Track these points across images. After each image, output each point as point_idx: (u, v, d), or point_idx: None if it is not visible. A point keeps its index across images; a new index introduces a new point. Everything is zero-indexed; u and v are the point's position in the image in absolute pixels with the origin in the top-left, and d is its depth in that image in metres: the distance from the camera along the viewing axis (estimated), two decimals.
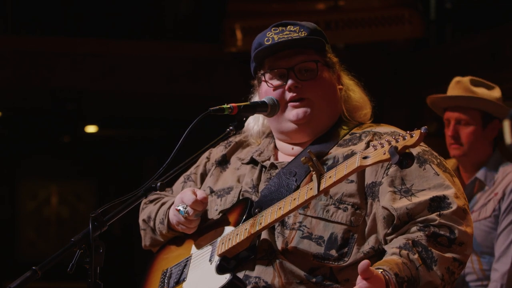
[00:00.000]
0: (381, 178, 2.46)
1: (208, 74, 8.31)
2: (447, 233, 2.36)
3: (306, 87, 2.60)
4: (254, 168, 2.71)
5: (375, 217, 2.45)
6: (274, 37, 2.63)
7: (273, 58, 2.64)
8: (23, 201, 12.19)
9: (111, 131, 11.70)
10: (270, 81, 2.64)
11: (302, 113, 2.60)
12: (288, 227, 2.50)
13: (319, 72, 2.62)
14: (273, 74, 2.64)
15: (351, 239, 2.45)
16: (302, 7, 7.68)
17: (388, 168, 2.46)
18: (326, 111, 2.64)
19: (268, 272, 2.46)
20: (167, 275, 2.71)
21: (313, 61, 2.62)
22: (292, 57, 2.62)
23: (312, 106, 2.60)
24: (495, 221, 3.93)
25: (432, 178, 2.44)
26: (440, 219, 2.37)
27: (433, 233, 2.36)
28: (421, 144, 2.48)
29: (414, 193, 2.43)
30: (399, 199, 2.42)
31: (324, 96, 2.62)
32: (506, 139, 2.02)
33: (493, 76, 7.35)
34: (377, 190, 2.46)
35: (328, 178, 2.30)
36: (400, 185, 2.44)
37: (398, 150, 2.16)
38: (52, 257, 2.23)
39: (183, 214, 2.62)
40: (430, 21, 8.39)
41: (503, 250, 3.88)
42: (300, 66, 2.61)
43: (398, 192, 2.43)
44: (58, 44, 8.19)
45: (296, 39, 2.61)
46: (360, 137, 2.59)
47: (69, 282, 8.13)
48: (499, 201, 3.93)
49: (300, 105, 2.60)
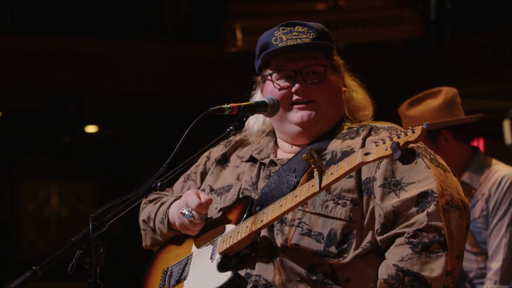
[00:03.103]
0: (374, 173, 2.47)
1: (208, 74, 8.32)
2: (436, 236, 2.36)
3: (313, 90, 2.60)
4: (253, 166, 2.71)
5: (372, 214, 2.45)
6: (282, 37, 2.63)
7: (281, 58, 2.64)
8: (23, 201, 12.19)
9: (111, 131, 11.70)
10: (277, 81, 2.64)
11: (307, 116, 2.60)
12: (287, 224, 2.50)
13: (327, 76, 2.62)
14: (280, 75, 2.64)
15: (350, 235, 2.45)
16: (302, 7, 7.68)
17: (380, 161, 2.46)
18: (330, 114, 2.64)
19: (269, 269, 2.46)
20: (168, 274, 2.71)
21: (321, 65, 2.62)
22: (300, 60, 2.61)
23: (317, 109, 2.60)
24: (485, 221, 3.97)
25: (422, 171, 2.44)
26: (429, 220, 2.37)
27: (422, 246, 2.35)
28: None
29: (403, 186, 2.42)
30: (387, 194, 2.42)
31: (330, 99, 2.62)
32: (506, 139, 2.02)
33: (493, 76, 7.38)
34: (372, 186, 2.46)
35: (329, 175, 2.30)
36: (390, 177, 2.44)
37: (400, 146, 2.15)
38: (52, 257, 2.23)
39: (189, 218, 2.61)
40: (430, 21, 8.40)
41: (495, 248, 3.92)
42: (308, 69, 2.61)
43: (388, 185, 2.43)
44: (58, 44, 8.20)
45: (307, 44, 2.60)
46: (358, 131, 2.60)
47: (69, 282, 8.13)
48: (486, 201, 3.96)
49: (306, 107, 2.60)
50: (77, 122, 9.98)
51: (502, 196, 3.95)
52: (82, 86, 8.33)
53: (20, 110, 10.19)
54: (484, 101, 8.33)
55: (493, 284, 3.90)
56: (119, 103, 9.53)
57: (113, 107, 9.87)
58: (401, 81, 7.96)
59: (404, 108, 4.11)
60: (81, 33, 8.60)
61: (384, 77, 7.79)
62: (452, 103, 4.05)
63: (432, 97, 4.06)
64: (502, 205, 3.95)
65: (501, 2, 7.45)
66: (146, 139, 11.83)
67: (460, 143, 4.05)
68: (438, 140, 3.98)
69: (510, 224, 3.93)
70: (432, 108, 4.03)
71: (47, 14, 8.70)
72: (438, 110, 4.02)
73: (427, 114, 3.99)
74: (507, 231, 3.92)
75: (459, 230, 2.43)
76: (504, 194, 3.95)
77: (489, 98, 8.29)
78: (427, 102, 4.05)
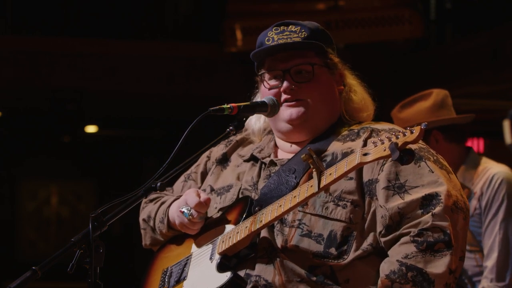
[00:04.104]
0: (377, 175, 2.47)
1: (208, 74, 8.32)
2: (441, 236, 2.36)
3: (302, 89, 2.61)
4: (254, 165, 2.71)
5: (374, 215, 2.45)
6: (274, 37, 2.64)
7: (272, 58, 2.65)
8: (23, 201, 12.19)
9: (111, 131, 11.70)
10: (268, 81, 2.66)
11: (296, 113, 2.61)
12: (287, 225, 2.50)
13: (315, 75, 2.62)
14: (270, 74, 2.66)
15: (350, 237, 2.45)
16: (302, 7, 7.69)
17: (383, 164, 2.46)
18: (323, 112, 2.64)
19: (268, 270, 2.46)
20: (168, 274, 2.71)
21: (309, 64, 2.62)
22: (289, 59, 2.63)
23: (307, 106, 2.61)
24: (479, 220, 3.99)
25: (426, 175, 2.44)
26: (434, 220, 2.37)
27: (427, 244, 2.35)
28: (419, 142, 2.48)
29: (407, 189, 2.42)
30: (392, 196, 2.42)
31: (320, 97, 2.62)
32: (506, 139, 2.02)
33: (493, 76, 7.38)
34: (374, 188, 2.46)
35: (328, 175, 2.30)
36: (394, 180, 2.44)
37: (398, 146, 2.15)
38: (52, 257, 2.23)
39: (187, 216, 2.62)
40: (430, 21, 8.40)
41: (489, 246, 3.95)
42: (296, 68, 2.62)
43: (392, 187, 2.43)
44: (58, 44, 8.20)
45: (292, 43, 2.61)
46: (358, 133, 2.60)
47: (69, 282, 8.13)
48: (478, 199, 3.99)
49: (295, 105, 2.61)
50: (77, 122, 9.98)
51: (493, 194, 3.98)
52: (82, 86, 8.34)
53: (20, 110, 10.20)
54: (484, 101, 8.33)
55: (489, 282, 3.92)
56: (119, 103, 9.53)
57: (113, 107, 9.87)
58: (401, 81, 7.96)
59: (396, 111, 4.14)
60: (81, 33, 8.60)
61: (384, 77, 7.79)
62: (442, 104, 4.08)
63: (423, 99, 4.09)
64: (494, 203, 3.98)
65: (501, 2, 7.46)
66: (146, 139, 11.83)
67: (451, 143, 4.07)
68: (429, 141, 4.00)
69: (503, 221, 3.96)
70: (423, 109, 4.05)
71: (47, 14, 8.70)
72: (428, 111, 4.04)
73: (417, 116, 4.01)
74: (501, 229, 3.95)
75: (463, 232, 2.44)
76: (495, 192, 3.98)
77: (489, 98, 8.29)
78: (418, 104, 4.08)
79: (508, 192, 3.98)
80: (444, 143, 4.04)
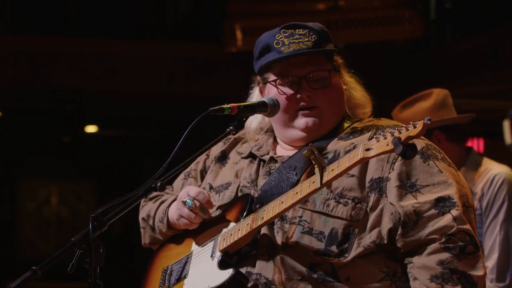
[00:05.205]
0: (387, 174, 2.46)
1: (208, 74, 8.32)
2: (467, 238, 2.38)
3: (317, 95, 2.60)
4: (252, 162, 2.71)
5: (381, 212, 2.45)
6: (284, 40, 2.61)
7: (284, 62, 2.62)
8: (23, 201, 12.19)
9: (111, 131, 11.71)
10: (281, 87, 2.62)
11: (312, 122, 2.60)
12: (287, 221, 2.50)
13: (331, 80, 2.62)
14: (284, 81, 2.63)
15: (352, 234, 2.45)
16: (302, 7, 7.69)
17: (393, 162, 2.47)
18: (333, 117, 2.64)
19: (269, 268, 2.46)
20: (168, 273, 2.71)
21: (325, 70, 2.62)
22: (304, 64, 2.61)
23: (321, 115, 2.60)
24: (479, 220, 4.00)
25: (435, 175, 2.45)
26: (457, 225, 2.39)
27: (459, 248, 2.38)
28: (423, 138, 2.48)
29: (418, 188, 2.43)
30: (405, 195, 2.43)
31: (333, 103, 2.63)
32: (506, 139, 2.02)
33: (493, 76, 7.38)
34: (384, 186, 2.45)
35: (330, 171, 2.30)
36: (406, 179, 2.45)
37: (401, 141, 2.15)
38: (52, 257, 2.23)
39: (190, 205, 2.61)
40: (430, 21, 8.41)
41: (490, 247, 3.97)
42: (312, 75, 2.61)
43: (404, 186, 2.44)
44: (58, 44, 8.21)
45: (313, 50, 2.58)
46: (362, 131, 2.60)
47: (69, 282, 8.13)
48: (479, 200, 4.00)
49: (311, 113, 2.60)
50: (77, 122, 9.98)
51: (494, 195, 3.99)
52: (82, 86, 8.34)
53: (20, 110, 10.20)
54: (484, 101, 8.33)
55: (489, 283, 3.93)
56: (119, 103, 9.53)
57: (113, 107, 9.87)
58: (401, 81, 7.97)
59: (396, 111, 4.14)
60: (81, 33, 8.60)
61: (384, 77, 7.79)
62: (443, 104, 4.08)
63: (423, 99, 4.09)
64: (495, 203, 3.98)
65: (501, 2, 7.46)
66: (146, 139, 11.83)
67: (453, 143, 4.07)
68: (431, 141, 4.00)
69: (504, 222, 3.97)
70: (423, 109, 4.05)
71: (47, 14, 8.70)
72: (429, 111, 4.04)
73: (418, 116, 4.01)
74: (501, 229, 3.96)
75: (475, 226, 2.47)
76: (496, 192, 3.98)
77: (489, 98, 8.29)
78: (419, 104, 4.08)
79: (509, 193, 3.99)
80: (446, 143, 4.04)
